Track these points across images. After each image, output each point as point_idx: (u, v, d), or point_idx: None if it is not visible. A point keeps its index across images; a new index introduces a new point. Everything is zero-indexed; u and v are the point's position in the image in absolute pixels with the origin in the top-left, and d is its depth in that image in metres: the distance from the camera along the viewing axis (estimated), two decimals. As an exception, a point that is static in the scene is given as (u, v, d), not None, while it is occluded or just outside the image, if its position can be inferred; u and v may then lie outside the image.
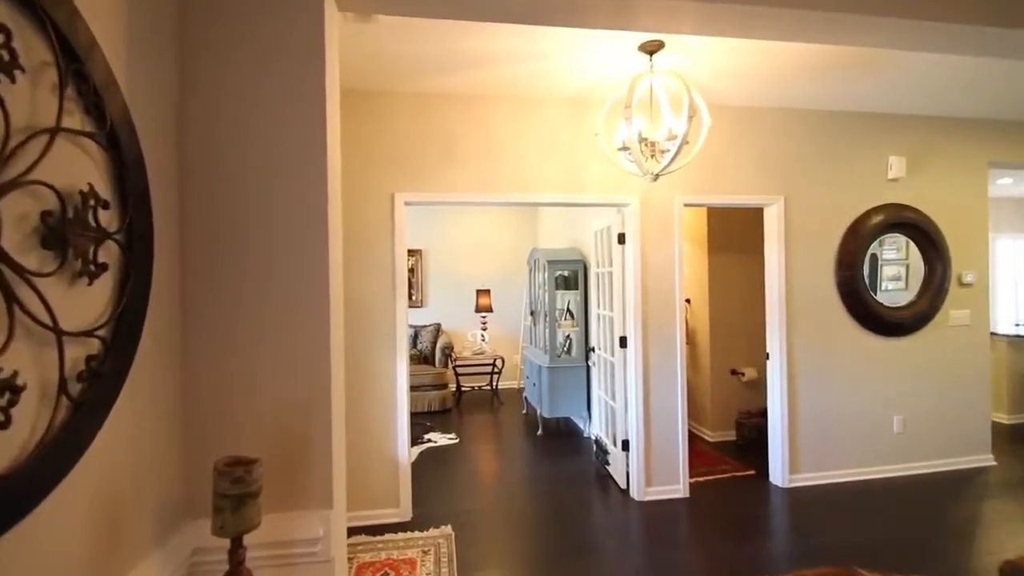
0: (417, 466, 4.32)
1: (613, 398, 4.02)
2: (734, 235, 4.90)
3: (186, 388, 1.48)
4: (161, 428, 1.39)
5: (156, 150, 1.35)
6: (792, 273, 3.85)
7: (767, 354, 3.94)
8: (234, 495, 1.25)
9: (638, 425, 3.65)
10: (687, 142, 2.63)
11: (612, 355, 4.02)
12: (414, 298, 7.15)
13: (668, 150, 2.73)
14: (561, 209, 6.24)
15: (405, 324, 3.37)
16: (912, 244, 4.09)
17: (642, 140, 2.66)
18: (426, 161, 3.39)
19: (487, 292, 6.90)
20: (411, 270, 7.14)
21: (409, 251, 7.11)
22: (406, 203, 3.37)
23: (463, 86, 3.29)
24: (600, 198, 3.60)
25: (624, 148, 2.79)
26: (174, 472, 1.44)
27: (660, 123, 2.74)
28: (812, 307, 3.89)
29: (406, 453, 3.36)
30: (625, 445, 3.75)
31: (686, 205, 3.72)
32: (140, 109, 1.27)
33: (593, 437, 4.61)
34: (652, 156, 2.75)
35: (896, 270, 4.10)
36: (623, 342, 3.74)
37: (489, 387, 6.82)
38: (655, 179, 2.72)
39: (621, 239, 3.75)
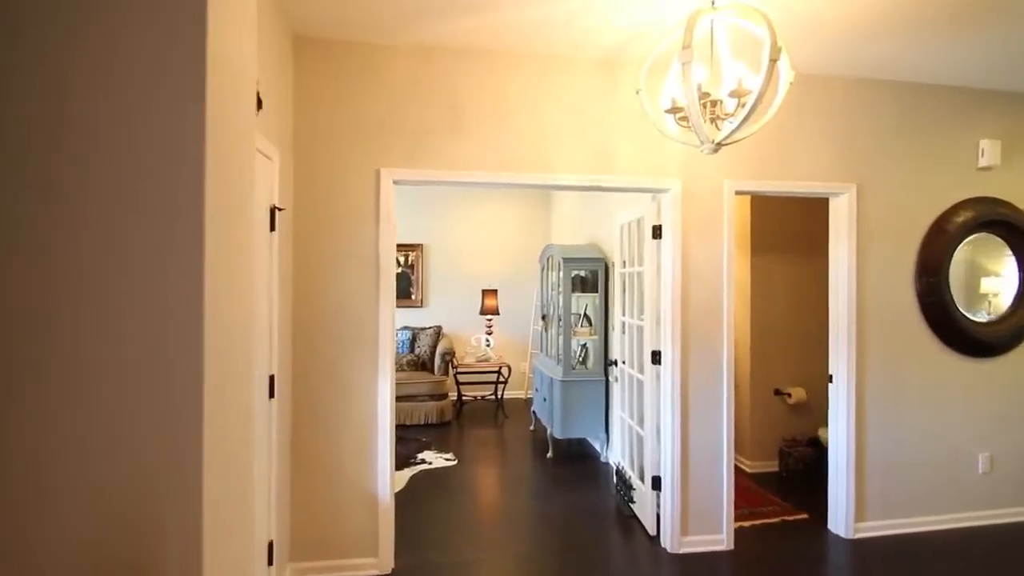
0: (405, 496, 3.68)
1: (640, 423, 3.36)
2: (782, 232, 4.22)
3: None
4: None
5: None
6: (864, 279, 3.17)
7: (830, 376, 3.26)
8: None
9: (673, 459, 2.99)
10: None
11: (640, 371, 3.36)
12: (413, 297, 6.52)
13: (729, 116, 2.07)
14: (578, 202, 5.58)
15: (391, 330, 2.73)
16: (1007, 247, 3.39)
17: (702, 96, 2.01)
18: (422, 131, 2.75)
19: (494, 292, 6.25)
20: (411, 266, 6.52)
21: (409, 246, 6.49)
22: (395, 182, 2.73)
23: (471, 37, 2.65)
24: (633, 181, 2.94)
25: (673, 110, 2.14)
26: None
27: (721, 79, 2.08)
28: (886, 320, 3.20)
29: (388, 489, 2.72)
30: (656, 483, 3.09)
31: (738, 193, 3.05)
32: None
33: (614, 466, 3.95)
34: (711, 120, 2.10)
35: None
36: (656, 357, 3.08)
37: (493, 397, 6.17)
38: (715, 150, 2.06)
39: (656, 233, 3.09)
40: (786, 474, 4.11)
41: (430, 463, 4.29)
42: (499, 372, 6.01)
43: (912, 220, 3.25)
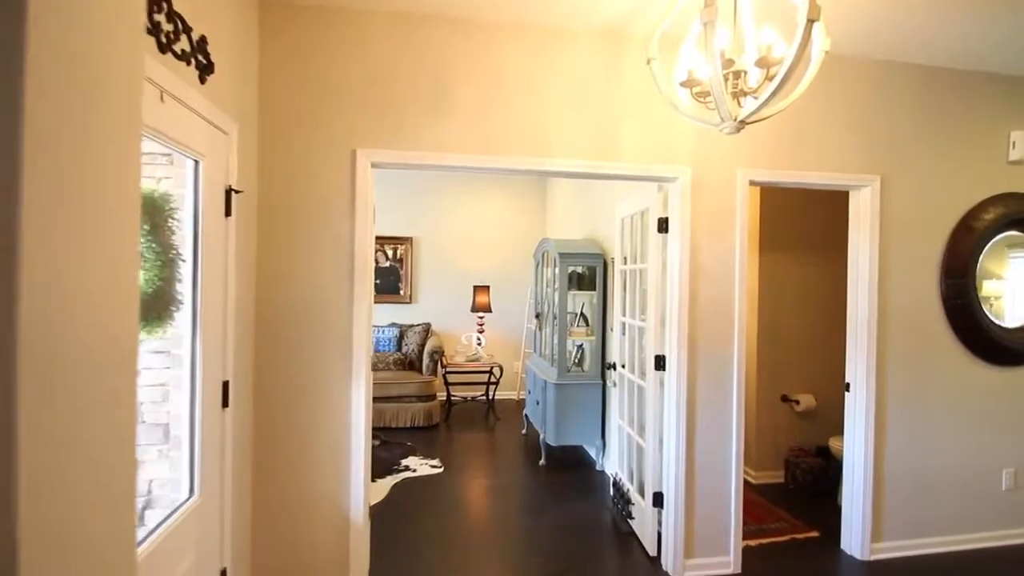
0: (385, 508, 3.41)
1: (641, 433, 3.10)
2: (792, 227, 3.96)
3: None
4: None
5: None
6: (885, 279, 2.91)
7: (846, 384, 3.01)
8: None
9: (677, 474, 2.73)
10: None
11: (641, 377, 3.10)
12: (402, 293, 6.23)
13: (753, 92, 1.80)
14: (576, 193, 5.30)
15: (367, 330, 2.45)
16: (1038, 246, 3.15)
17: (725, 64, 1.73)
18: (405, 109, 2.46)
19: (486, 289, 5.97)
20: (399, 260, 6.23)
21: (398, 239, 6.19)
22: (373, 164, 2.44)
23: (460, 3, 2.36)
24: (638, 169, 2.66)
25: (690, 83, 1.86)
26: None
27: (744, 48, 1.81)
28: (909, 324, 2.95)
29: (362, 509, 2.44)
30: (658, 500, 2.83)
31: (752, 184, 2.79)
32: None
33: (611, 477, 3.69)
34: (733, 96, 1.82)
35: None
36: (660, 362, 2.82)
37: (485, 398, 5.90)
38: (737, 129, 1.79)
39: (663, 226, 2.82)
40: (793, 486, 3.87)
41: (414, 470, 4.01)
42: (491, 372, 5.74)
43: (938, 216, 3.00)
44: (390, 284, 6.20)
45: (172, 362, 1.77)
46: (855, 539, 2.94)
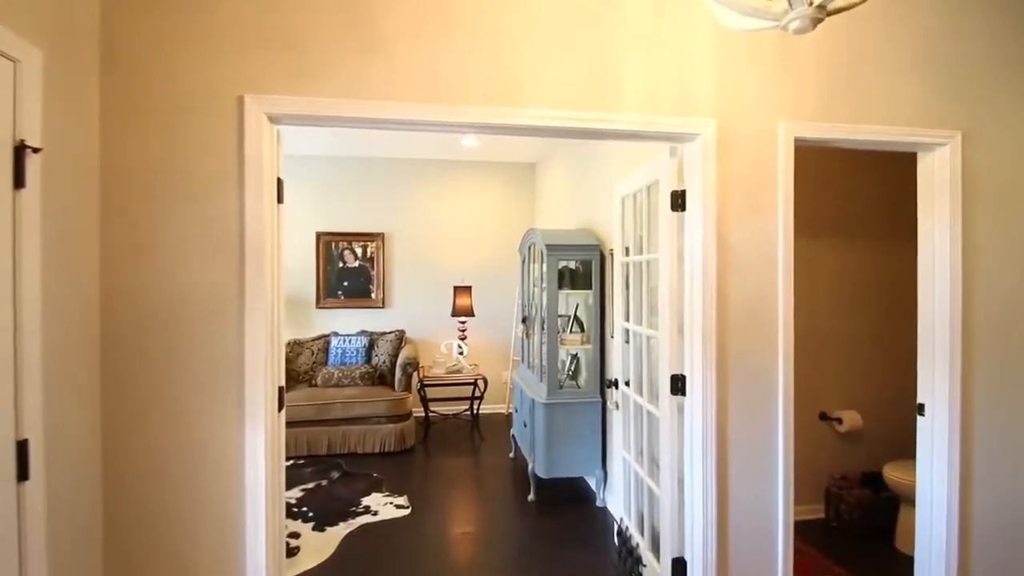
0: (330, 571, 2.69)
1: (653, 474, 2.40)
2: (829, 206, 3.26)
3: None
4: None
5: None
6: (972, 270, 2.21)
7: (919, 406, 2.31)
8: None
9: (705, 535, 2.03)
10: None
11: (652, 401, 2.40)
12: (373, 296, 5.51)
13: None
14: (568, 175, 4.59)
15: (268, 348, 1.74)
16: None
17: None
18: (316, 40, 1.75)
19: (467, 290, 5.26)
20: (370, 260, 5.51)
21: (368, 235, 5.48)
22: (272, 117, 1.73)
23: None
24: (643, 122, 1.96)
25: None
26: None
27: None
28: (1004, 328, 2.25)
29: (266, 602, 1.72)
30: (679, 568, 2.12)
31: (799, 142, 2.09)
32: None
33: (614, 520, 2.98)
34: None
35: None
36: (678, 384, 2.12)
37: (469, 414, 5.19)
38: (816, 21, 1.09)
39: (678, 202, 2.12)
40: (836, 523, 3.17)
41: (375, 513, 3.30)
42: (474, 384, 5.02)
43: (1036, 184, 2.31)
44: (360, 287, 5.49)
45: None
46: (936, 608, 2.24)
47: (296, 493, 3.57)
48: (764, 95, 2.02)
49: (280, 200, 1.86)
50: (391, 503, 3.43)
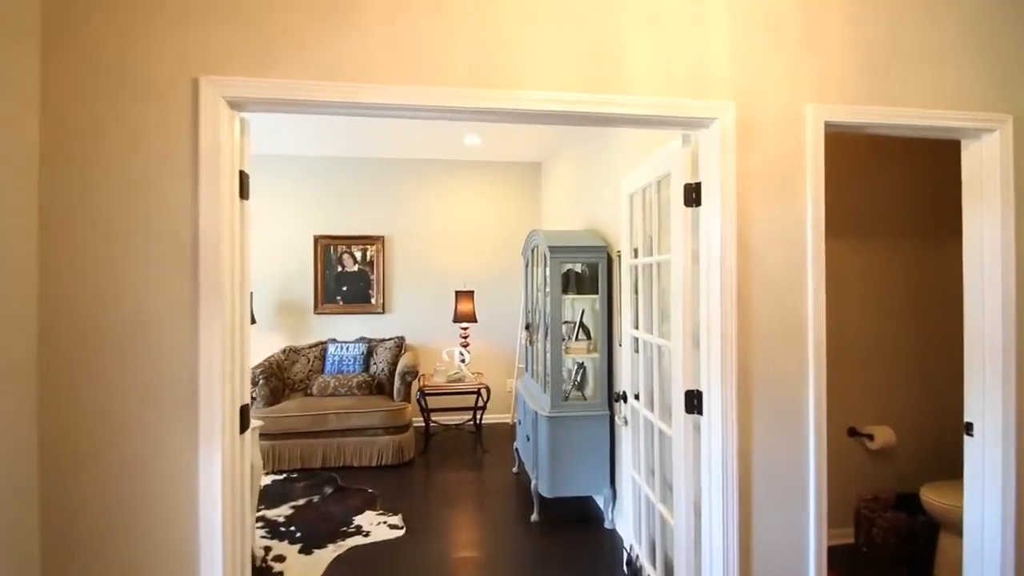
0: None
1: (666, 499, 2.16)
2: (855, 201, 3.01)
3: None
4: None
5: None
6: (1027, 268, 1.96)
7: (967, 425, 2.06)
8: None
9: (726, 568, 1.79)
10: None
11: (664, 418, 2.17)
12: (373, 302, 5.32)
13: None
14: (574, 173, 4.37)
15: (223, 366, 1.54)
16: None
17: None
18: (280, 13, 1.55)
19: (469, 295, 5.05)
20: (369, 263, 5.32)
21: (367, 239, 5.29)
22: (231, 101, 1.53)
23: None
24: (654, 105, 1.74)
25: None
26: None
27: None
28: (1063, 335, 1.99)
29: (225, 652, 1.52)
30: (696, 608, 1.88)
31: (829, 127, 1.85)
32: None
33: (625, 550, 2.74)
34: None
35: None
36: (693, 401, 1.89)
37: (472, 424, 4.97)
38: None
39: (692, 196, 1.89)
40: (868, 549, 2.90)
41: (366, 533, 3.08)
42: (477, 394, 4.80)
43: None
44: (359, 292, 5.30)
45: None
46: (990, 655, 1.98)
47: (285, 511, 3.37)
48: (789, 75, 1.79)
49: (244, 196, 1.66)
50: (384, 523, 3.22)
